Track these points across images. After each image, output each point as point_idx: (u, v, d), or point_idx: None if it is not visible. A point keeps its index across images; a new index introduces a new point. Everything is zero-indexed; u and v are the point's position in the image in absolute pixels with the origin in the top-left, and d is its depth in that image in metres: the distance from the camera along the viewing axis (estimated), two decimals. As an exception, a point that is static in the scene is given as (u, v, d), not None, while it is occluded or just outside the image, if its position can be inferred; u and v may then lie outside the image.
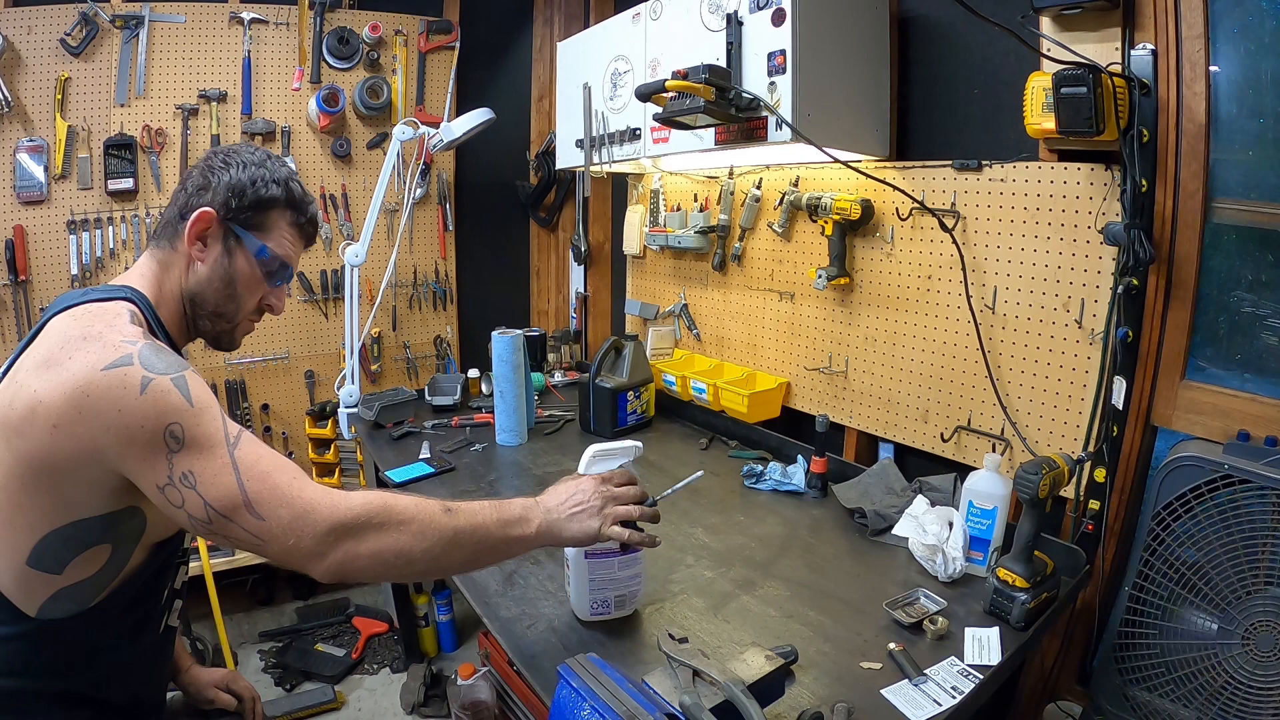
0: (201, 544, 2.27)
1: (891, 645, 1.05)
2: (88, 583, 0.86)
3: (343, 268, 2.22)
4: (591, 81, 1.99)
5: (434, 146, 2.20)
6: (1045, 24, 1.29)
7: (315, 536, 0.81)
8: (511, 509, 0.96)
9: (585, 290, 2.94)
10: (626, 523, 1.01)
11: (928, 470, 1.59)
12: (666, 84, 1.33)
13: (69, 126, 2.25)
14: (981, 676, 0.99)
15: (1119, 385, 1.28)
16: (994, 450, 1.49)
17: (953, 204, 1.51)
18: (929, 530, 1.27)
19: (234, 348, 1.07)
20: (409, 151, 2.60)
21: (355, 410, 2.15)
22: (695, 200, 2.21)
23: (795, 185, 1.85)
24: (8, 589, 0.83)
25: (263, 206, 0.99)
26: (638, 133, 1.83)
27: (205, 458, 0.80)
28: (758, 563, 1.32)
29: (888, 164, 1.64)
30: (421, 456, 1.85)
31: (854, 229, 1.70)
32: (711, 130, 1.55)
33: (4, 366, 0.84)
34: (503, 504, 0.96)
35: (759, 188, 1.95)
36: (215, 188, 0.97)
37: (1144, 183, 1.19)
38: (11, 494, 0.80)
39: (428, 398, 2.30)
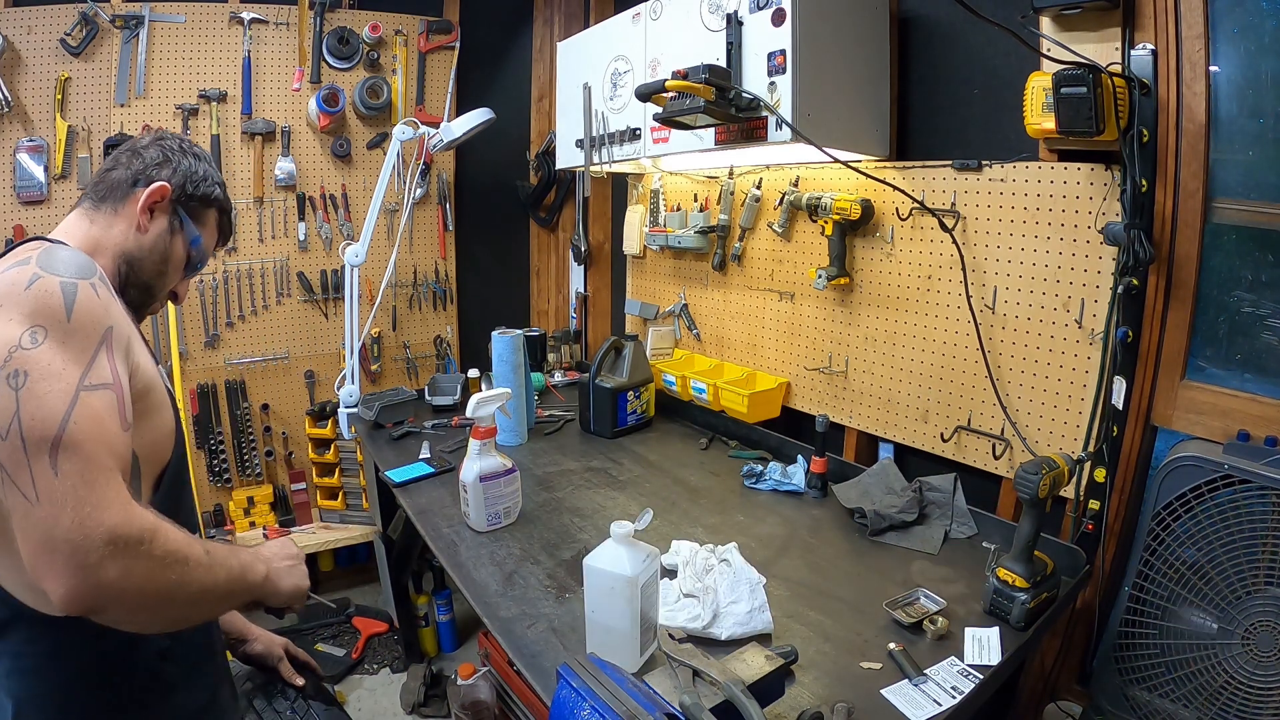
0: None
1: (891, 645, 1.05)
2: None
3: (343, 268, 2.22)
4: (591, 81, 1.99)
5: (434, 146, 2.20)
6: (1045, 24, 1.29)
7: (95, 536, 0.67)
8: (242, 554, 0.90)
9: (585, 290, 2.94)
10: None
11: (928, 470, 1.59)
12: (666, 84, 1.33)
13: (69, 126, 2.25)
14: (981, 676, 0.99)
15: (1119, 385, 1.28)
16: (994, 450, 1.50)
17: (953, 204, 1.51)
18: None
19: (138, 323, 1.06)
20: (409, 151, 2.60)
21: (355, 410, 2.15)
22: (695, 200, 2.21)
23: (795, 185, 1.85)
24: (29, 596, 0.77)
25: (207, 203, 1.04)
26: (638, 133, 1.83)
27: (50, 371, 0.70)
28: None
29: (888, 164, 1.64)
30: (421, 456, 1.85)
31: (854, 229, 1.70)
32: (711, 130, 1.55)
33: None
34: (235, 549, 0.90)
35: (759, 188, 1.95)
36: (176, 168, 0.99)
37: (1144, 183, 1.19)
38: None
39: (428, 398, 2.30)
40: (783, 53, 1.37)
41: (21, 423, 0.68)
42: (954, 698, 0.95)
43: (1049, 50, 1.24)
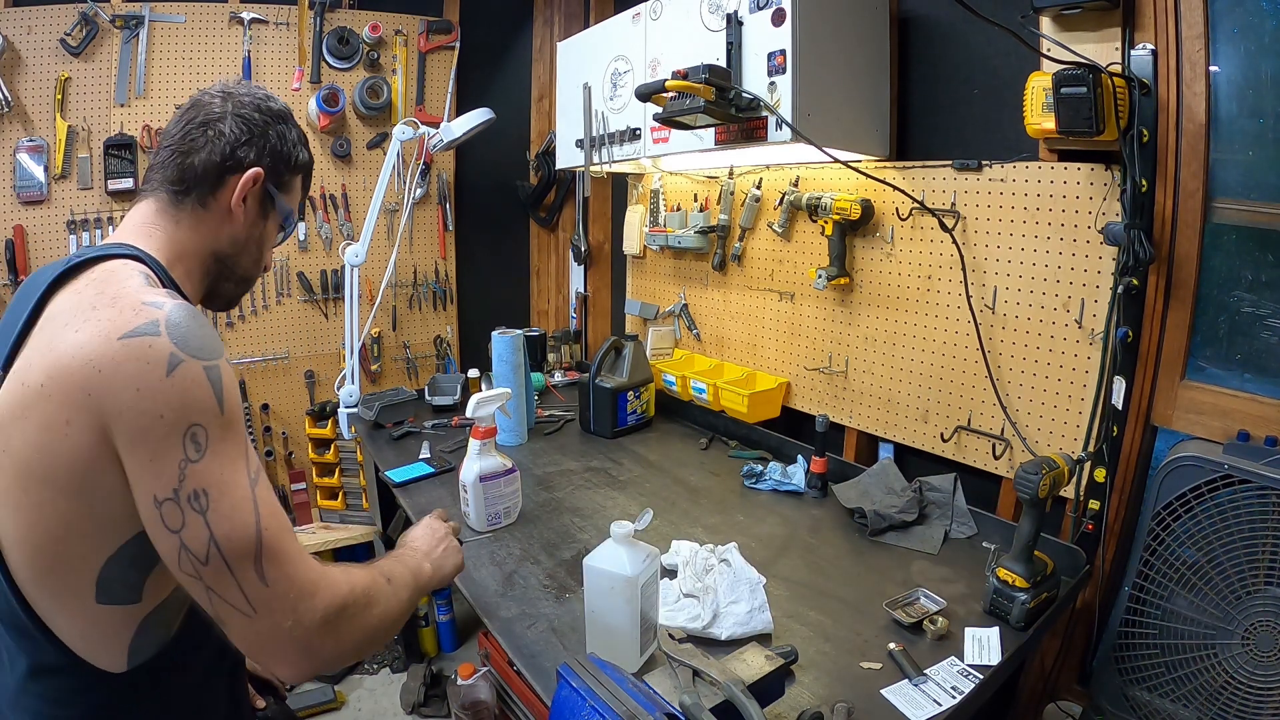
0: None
1: (891, 645, 1.05)
2: (170, 600, 0.77)
3: (343, 268, 2.22)
4: (591, 81, 1.99)
5: (434, 146, 2.20)
6: (1045, 24, 1.29)
7: (313, 624, 0.69)
8: (409, 561, 0.94)
9: (585, 290, 2.94)
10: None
11: (927, 470, 1.59)
12: (666, 84, 1.33)
13: (69, 126, 2.25)
14: (981, 676, 1.00)
15: (1119, 385, 1.28)
16: (994, 450, 1.50)
17: (953, 204, 1.51)
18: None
19: (231, 308, 0.99)
20: (409, 151, 2.60)
21: (355, 410, 2.15)
22: (695, 200, 2.21)
23: (795, 185, 1.85)
24: (85, 648, 0.73)
25: (296, 171, 0.94)
26: (638, 133, 1.83)
27: (224, 481, 0.67)
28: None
29: (888, 164, 1.64)
30: (421, 456, 1.85)
31: (854, 229, 1.70)
32: (711, 130, 1.55)
33: None
34: (400, 557, 0.94)
35: (759, 188, 1.95)
36: (265, 145, 0.87)
37: (1144, 183, 1.19)
38: (49, 528, 0.67)
39: (428, 398, 2.30)
40: (783, 53, 1.37)
41: (219, 547, 0.66)
42: (954, 698, 0.95)
43: (1049, 50, 1.24)
